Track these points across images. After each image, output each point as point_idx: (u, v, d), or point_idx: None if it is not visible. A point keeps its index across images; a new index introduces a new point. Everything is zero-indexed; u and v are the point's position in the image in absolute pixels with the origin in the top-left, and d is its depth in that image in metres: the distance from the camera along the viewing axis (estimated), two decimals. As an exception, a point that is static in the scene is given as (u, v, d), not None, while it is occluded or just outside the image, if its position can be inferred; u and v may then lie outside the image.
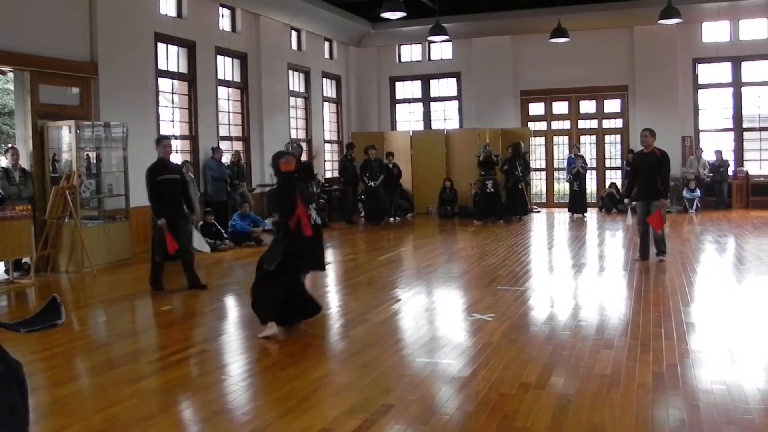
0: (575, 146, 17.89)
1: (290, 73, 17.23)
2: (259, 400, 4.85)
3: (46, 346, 6.07)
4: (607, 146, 19.35)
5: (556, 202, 19.66)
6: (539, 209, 18.60)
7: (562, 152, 19.41)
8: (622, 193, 16.73)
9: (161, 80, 13.21)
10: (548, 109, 19.70)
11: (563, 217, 17.11)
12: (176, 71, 13.72)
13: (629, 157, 16.49)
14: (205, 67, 14.16)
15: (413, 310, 7.52)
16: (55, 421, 4.40)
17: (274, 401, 4.71)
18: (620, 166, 18.64)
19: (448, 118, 20.57)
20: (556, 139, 19.66)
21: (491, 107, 19.18)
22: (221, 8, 14.90)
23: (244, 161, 15.13)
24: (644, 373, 5.00)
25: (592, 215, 17.10)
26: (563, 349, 5.70)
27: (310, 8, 16.76)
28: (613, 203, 17.61)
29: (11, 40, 9.98)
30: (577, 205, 17.07)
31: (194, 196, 12.40)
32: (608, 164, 19.31)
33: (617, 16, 17.88)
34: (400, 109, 21.05)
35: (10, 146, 11.23)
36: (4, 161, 11.57)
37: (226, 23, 15.21)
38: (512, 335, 6.18)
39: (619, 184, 18.14)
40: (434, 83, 20.59)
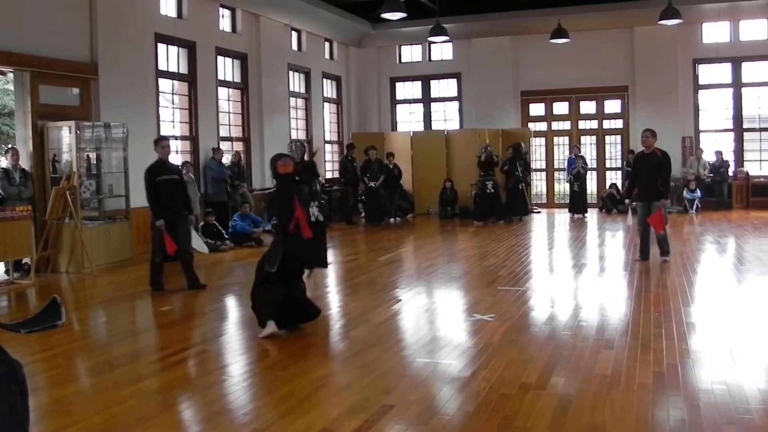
0: (575, 147, 17.88)
1: (290, 73, 17.24)
2: (259, 400, 4.85)
3: (46, 346, 6.07)
4: (607, 147, 19.36)
5: (556, 202, 19.66)
6: (539, 210, 18.60)
7: (562, 153, 19.41)
8: (622, 193, 16.72)
9: (161, 81, 13.21)
10: (548, 109, 19.70)
11: (563, 217, 17.11)
12: (176, 72, 13.73)
13: (629, 157, 16.49)
14: (205, 67, 14.16)
15: (414, 310, 7.52)
16: (55, 421, 4.40)
17: (274, 401, 4.71)
18: (620, 166, 18.64)
19: (448, 118, 20.58)
20: (556, 139, 19.67)
21: (491, 108, 19.18)
22: (221, 9, 14.90)
23: (244, 162, 15.14)
24: (645, 373, 5.00)
25: (592, 216, 17.09)
26: (564, 349, 5.70)
27: (310, 9, 16.76)
28: (613, 204, 17.61)
29: (11, 40, 9.98)
30: (577, 205, 17.06)
31: (194, 196, 12.42)
32: (608, 165, 19.31)
33: (617, 16, 17.88)
34: (400, 109, 21.05)
35: (10, 147, 11.23)
36: (4, 162, 11.58)
37: (226, 24, 15.21)
38: (513, 335, 6.18)
39: (619, 184, 18.14)
40: (434, 84, 20.59)
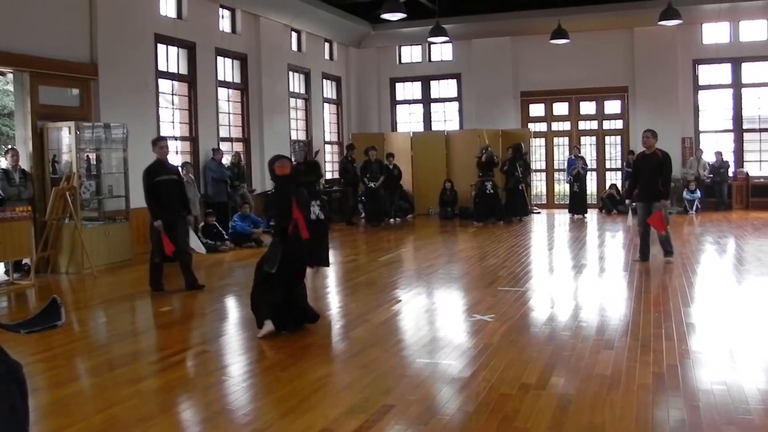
0: (575, 147, 17.87)
1: (290, 74, 17.24)
2: (259, 400, 4.85)
3: (46, 347, 6.07)
4: (607, 147, 19.35)
5: (556, 203, 19.67)
6: (539, 210, 18.61)
7: (562, 153, 19.41)
8: (623, 194, 16.73)
9: (161, 81, 13.21)
10: (548, 110, 19.70)
11: (563, 218, 17.10)
12: (176, 72, 13.73)
13: (629, 158, 16.50)
14: (205, 68, 14.17)
15: (414, 311, 7.52)
16: (55, 421, 4.40)
17: (274, 402, 4.71)
18: (620, 167, 18.64)
19: (448, 119, 20.58)
20: (556, 140, 19.67)
21: (491, 108, 19.18)
22: (221, 9, 14.90)
23: (244, 162, 15.14)
24: (644, 373, 5.00)
25: (592, 216, 17.09)
26: (563, 349, 5.70)
27: (310, 9, 16.77)
28: (613, 204, 17.61)
29: (11, 40, 9.99)
30: (577, 206, 17.05)
31: (195, 197, 12.42)
32: (608, 165, 19.31)
33: (617, 17, 17.88)
34: (400, 110, 21.06)
35: (9, 147, 11.23)
36: (4, 162, 11.57)
37: (226, 24, 15.21)
38: (513, 336, 6.18)
39: (619, 185, 18.14)
40: (434, 84, 20.59)
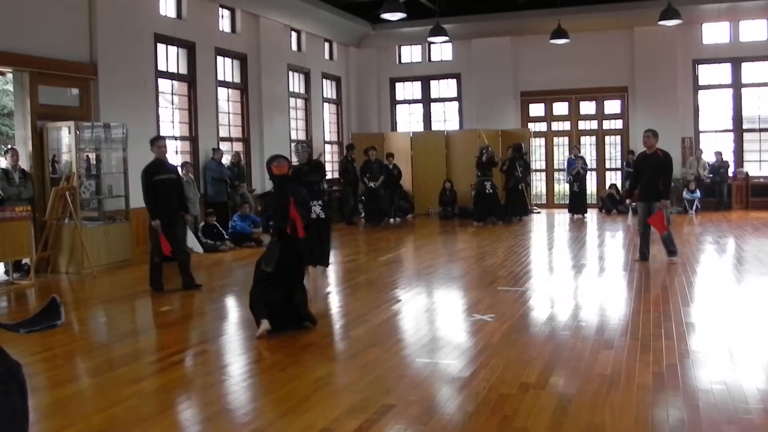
0: (575, 147, 17.87)
1: (290, 74, 17.23)
2: (259, 400, 4.85)
3: (46, 346, 6.07)
4: (607, 147, 19.35)
5: (556, 203, 19.67)
6: (539, 210, 18.60)
7: (562, 153, 19.40)
8: (623, 193, 16.73)
9: (161, 81, 13.21)
10: (548, 110, 19.70)
11: (563, 218, 17.10)
12: (176, 72, 13.72)
13: (629, 158, 16.50)
14: (204, 67, 14.16)
15: (413, 310, 7.52)
16: (55, 421, 4.40)
17: (274, 401, 4.71)
18: (620, 167, 18.64)
19: (448, 119, 20.57)
20: (556, 140, 19.66)
21: (491, 108, 19.17)
22: (221, 9, 14.90)
23: (244, 162, 15.13)
24: (644, 373, 5.00)
25: (592, 216, 17.09)
26: (563, 349, 5.70)
27: (309, 9, 16.76)
28: (613, 204, 17.61)
29: (10, 40, 9.98)
30: (577, 206, 17.05)
31: (194, 197, 12.42)
32: (608, 165, 19.30)
33: (617, 17, 17.87)
34: (400, 110, 21.05)
35: (9, 147, 11.22)
36: (3, 162, 11.56)
37: (225, 24, 15.21)
38: (512, 336, 6.18)
39: (619, 185, 18.14)
40: (434, 84, 20.59)
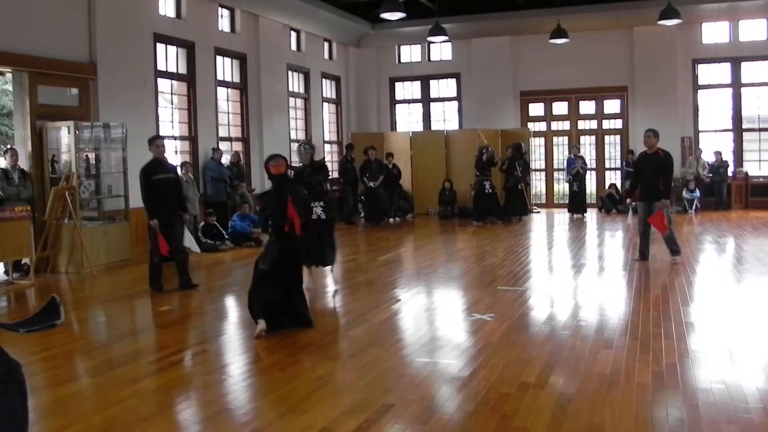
0: (575, 147, 17.88)
1: (290, 73, 17.22)
2: (259, 400, 4.85)
3: (45, 346, 6.06)
4: (606, 147, 19.34)
5: (555, 202, 19.66)
6: (539, 210, 18.60)
7: (561, 153, 19.39)
8: (623, 193, 16.72)
9: (160, 81, 13.21)
10: (548, 109, 19.70)
11: (563, 217, 17.10)
12: (175, 72, 13.71)
13: (629, 157, 16.50)
14: (204, 67, 14.16)
15: (413, 310, 7.52)
16: (54, 421, 4.40)
17: (274, 401, 4.71)
18: (620, 166, 18.64)
19: (447, 118, 20.57)
20: (555, 139, 19.66)
21: (491, 108, 19.16)
22: (220, 9, 14.89)
23: (243, 162, 15.13)
24: (644, 372, 5.00)
25: (591, 216, 17.09)
26: (563, 349, 5.70)
27: (309, 9, 16.76)
28: (612, 204, 17.61)
29: (10, 40, 9.97)
30: (576, 205, 17.06)
31: (194, 196, 12.41)
32: (608, 165, 19.30)
33: (617, 16, 17.87)
34: (399, 109, 21.04)
35: (9, 147, 11.22)
36: (3, 162, 11.56)
37: (225, 24, 15.20)
38: (512, 335, 6.18)
39: (618, 184, 18.14)
40: (434, 84, 20.58)
